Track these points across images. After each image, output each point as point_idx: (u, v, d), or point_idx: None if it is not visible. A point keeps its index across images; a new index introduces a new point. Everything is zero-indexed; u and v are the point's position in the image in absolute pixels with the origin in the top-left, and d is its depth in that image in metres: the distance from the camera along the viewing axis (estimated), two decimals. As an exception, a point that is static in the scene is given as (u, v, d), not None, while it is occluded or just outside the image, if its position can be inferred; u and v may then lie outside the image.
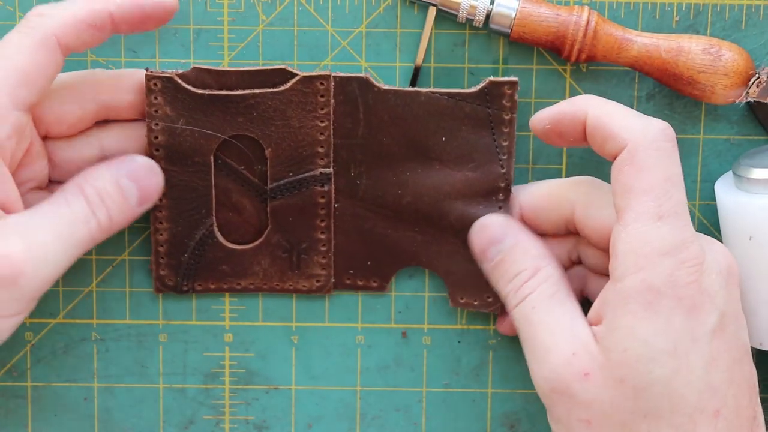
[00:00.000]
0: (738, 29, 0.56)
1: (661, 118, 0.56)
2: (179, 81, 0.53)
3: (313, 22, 0.56)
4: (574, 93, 0.57)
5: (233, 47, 0.56)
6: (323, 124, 0.54)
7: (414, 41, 0.56)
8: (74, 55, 0.56)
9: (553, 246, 0.54)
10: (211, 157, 0.54)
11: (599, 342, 0.48)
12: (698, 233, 0.50)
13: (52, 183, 0.54)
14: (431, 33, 0.56)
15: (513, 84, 0.54)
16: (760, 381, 0.50)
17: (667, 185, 0.47)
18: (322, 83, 0.54)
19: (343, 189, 0.55)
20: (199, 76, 0.54)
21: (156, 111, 0.53)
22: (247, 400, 0.59)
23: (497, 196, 0.55)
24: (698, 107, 0.57)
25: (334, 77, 0.54)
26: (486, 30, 0.56)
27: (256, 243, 0.56)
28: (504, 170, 0.55)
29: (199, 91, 0.53)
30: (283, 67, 0.54)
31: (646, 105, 0.57)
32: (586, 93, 0.57)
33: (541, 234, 0.54)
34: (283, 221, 0.55)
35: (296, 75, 0.54)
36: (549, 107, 0.51)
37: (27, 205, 0.50)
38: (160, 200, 0.55)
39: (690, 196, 0.58)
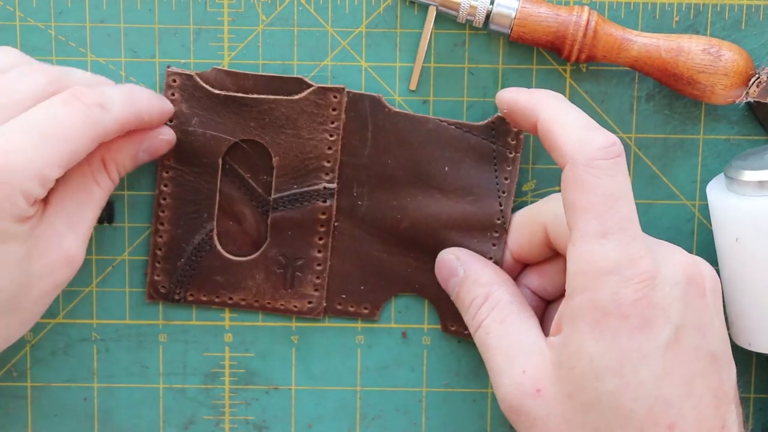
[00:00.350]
0: (738, 29, 0.56)
1: (661, 118, 0.57)
2: (198, 80, 0.54)
3: (313, 22, 0.56)
4: (574, 93, 0.57)
5: (233, 47, 0.56)
6: (332, 138, 0.54)
7: (414, 41, 0.56)
8: (73, 54, 0.56)
9: (551, 272, 0.55)
10: (220, 160, 0.54)
11: (553, 355, 0.48)
12: (660, 242, 0.50)
13: None
14: (431, 33, 0.56)
15: None
16: (756, 382, 0.50)
17: (609, 202, 0.47)
18: (335, 96, 0.54)
19: (344, 208, 0.55)
20: (218, 78, 0.54)
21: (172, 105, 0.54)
22: (247, 400, 0.59)
23: (492, 233, 0.55)
24: (698, 107, 0.57)
25: (348, 93, 0.54)
26: (486, 30, 0.56)
27: (253, 256, 0.56)
28: (502, 207, 0.55)
29: (216, 91, 0.54)
30: (300, 76, 0.54)
31: (646, 105, 0.57)
32: (586, 94, 0.57)
33: (539, 263, 0.55)
34: (281, 235, 0.55)
35: (311, 85, 0.54)
36: (512, 89, 0.51)
37: None
38: (164, 199, 0.55)
39: (689, 196, 0.58)
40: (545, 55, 0.57)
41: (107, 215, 0.58)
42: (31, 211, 0.48)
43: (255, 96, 0.54)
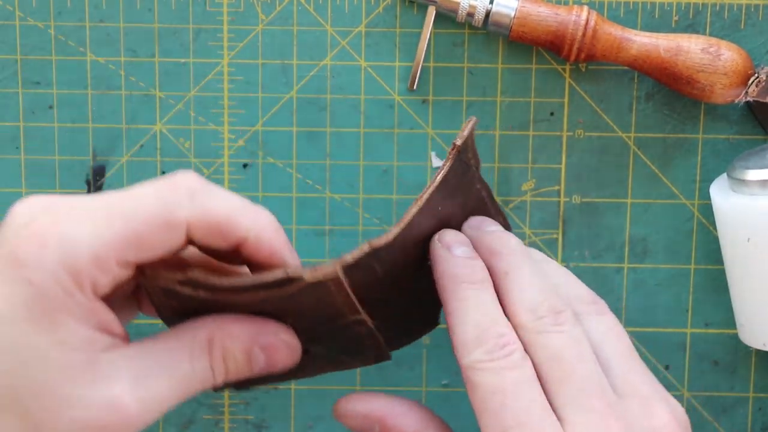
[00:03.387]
0: (737, 29, 0.56)
1: (661, 118, 0.57)
2: (178, 288, 0.44)
3: (313, 22, 0.56)
4: (573, 92, 0.57)
5: (233, 47, 0.56)
6: (344, 300, 0.46)
7: (413, 41, 0.56)
8: (73, 54, 0.56)
9: None
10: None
11: None
12: (652, 388, 0.45)
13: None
14: (431, 33, 0.56)
15: None
16: (756, 382, 0.51)
17: (498, 397, 0.44)
18: (332, 285, 0.45)
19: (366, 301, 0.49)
20: (196, 284, 0.44)
21: (161, 303, 0.46)
22: (246, 400, 0.59)
23: None
24: (697, 107, 0.57)
25: (343, 275, 0.44)
26: (485, 30, 0.56)
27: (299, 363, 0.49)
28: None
29: (203, 295, 0.45)
30: (282, 276, 0.43)
31: (646, 104, 0.57)
32: (585, 93, 0.57)
33: None
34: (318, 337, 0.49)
35: (299, 279, 0.43)
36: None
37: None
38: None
39: (689, 195, 0.58)
40: (544, 54, 0.57)
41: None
42: (84, 304, 0.42)
43: (248, 299, 0.45)
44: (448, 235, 0.48)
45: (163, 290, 0.44)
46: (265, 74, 0.57)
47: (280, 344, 0.46)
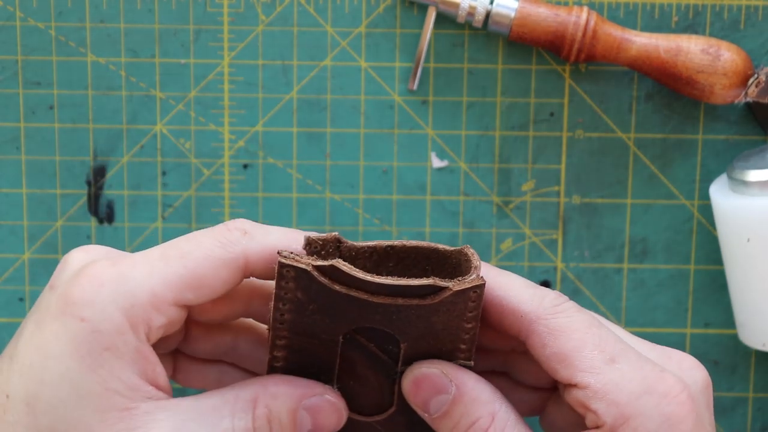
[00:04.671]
0: (737, 29, 0.56)
1: (660, 118, 0.57)
2: (315, 275, 0.44)
3: (313, 22, 0.56)
4: (573, 93, 0.57)
5: (233, 47, 0.57)
6: (469, 326, 0.46)
7: (413, 41, 0.56)
8: (73, 54, 0.57)
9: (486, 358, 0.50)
10: (340, 337, 0.46)
11: None
12: (655, 347, 0.46)
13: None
14: (431, 33, 0.56)
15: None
16: (755, 382, 0.51)
17: (595, 330, 0.44)
18: (474, 291, 0.45)
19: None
20: (337, 275, 0.44)
21: (285, 294, 0.45)
22: (246, 400, 0.59)
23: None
24: (697, 107, 0.57)
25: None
26: (485, 30, 0.56)
27: (377, 418, 0.48)
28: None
29: (337, 288, 0.44)
30: (431, 282, 0.44)
31: (645, 105, 0.57)
32: (585, 93, 0.57)
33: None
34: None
35: (446, 288, 0.44)
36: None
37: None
38: (277, 362, 0.47)
39: (688, 195, 0.58)
40: (544, 55, 0.57)
41: (107, 215, 0.58)
42: (134, 347, 0.42)
43: (380, 301, 0.44)
44: None
45: (296, 274, 0.43)
46: (266, 75, 0.57)
47: (326, 405, 0.45)
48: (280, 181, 0.58)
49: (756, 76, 0.54)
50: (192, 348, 0.49)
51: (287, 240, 0.44)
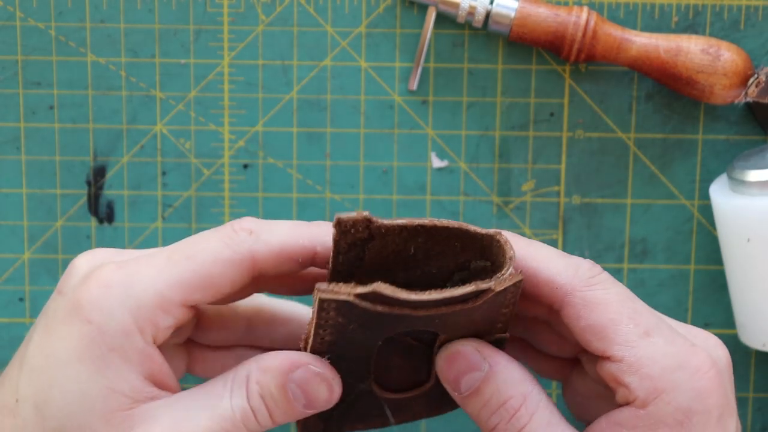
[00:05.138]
0: (737, 29, 0.56)
1: (660, 118, 0.57)
2: (357, 302, 0.43)
3: (313, 22, 0.56)
4: (573, 93, 0.57)
5: (233, 47, 0.57)
6: (507, 310, 0.46)
7: (413, 41, 0.56)
8: (73, 54, 0.57)
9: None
10: (379, 342, 0.46)
11: None
12: (682, 325, 0.46)
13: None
14: (431, 33, 0.56)
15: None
16: (755, 382, 0.51)
17: (631, 304, 0.44)
18: (514, 286, 0.45)
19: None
20: (378, 298, 0.43)
21: (326, 322, 0.44)
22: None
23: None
24: (697, 107, 0.57)
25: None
26: (485, 30, 0.56)
27: (414, 393, 0.49)
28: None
29: (380, 309, 0.43)
30: (473, 289, 0.43)
31: (645, 105, 0.57)
32: (585, 94, 0.57)
33: None
34: None
35: (488, 290, 0.43)
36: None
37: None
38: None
39: (688, 195, 0.58)
40: (544, 55, 0.57)
41: (107, 215, 0.58)
42: (141, 349, 0.42)
43: (425, 313, 0.44)
44: None
45: (338, 305, 0.43)
46: (266, 75, 0.57)
47: (311, 376, 0.45)
48: (280, 181, 0.58)
49: (756, 76, 0.54)
50: (206, 337, 0.49)
51: (293, 238, 0.44)
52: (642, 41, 0.54)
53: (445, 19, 0.56)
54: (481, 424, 0.46)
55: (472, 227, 0.44)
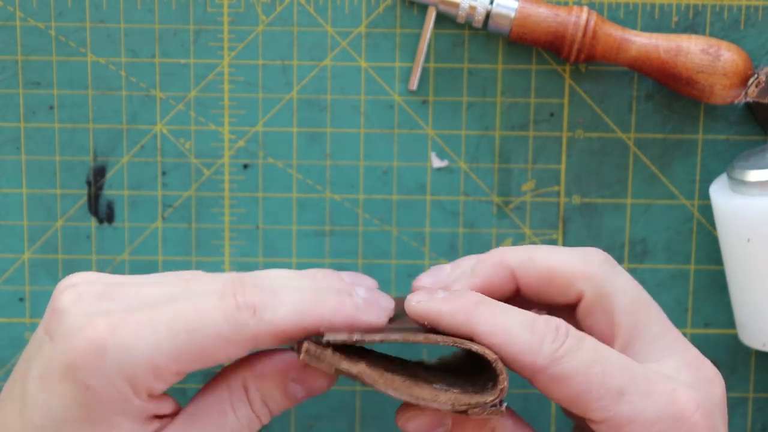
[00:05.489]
0: (737, 29, 0.56)
1: (660, 118, 0.57)
2: (339, 371, 0.44)
3: (313, 22, 0.56)
4: (573, 93, 0.57)
5: (233, 47, 0.57)
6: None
7: (413, 41, 0.56)
8: (73, 54, 0.56)
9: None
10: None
11: None
12: (679, 344, 0.47)
13: None
14: (431, 33, 0.56)
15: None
16: (755, 382, 0.51)
17: (596, 368, 0.44)
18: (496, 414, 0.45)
19: None
20: (359, 378, 0.44)
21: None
22: (246, 400, 0.59)
23: None
24: (697, 107, 0.57)
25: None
26: (485, 30, 0.56)
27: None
28: None
29: (360, 381, 0.44)
30: (449, 407, 0.44)
31: (645, 105, 0.57)
32: (585, 94, 0.57)
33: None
34: None
35: (465, 412, 0.44)
36: (426, 302, 0.45)
37: None
38: None
39: (688, 195, 0.58)
40: (544, 55, 0.57)
41: (107, 215, 0.58)
42: (139, 406, 0.43)
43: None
44: (417, 291, 0.47)
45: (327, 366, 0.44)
46: (266, 75, 0.57)
47: (311, 372, 0.46)
48: (280, 181, 0.58)
49: (756, 76, 0.54)
50: None
51: (298, 318, 0.43)
52: (642, 41, 0.54)
53: (445, 19, 0.56)
54: None
55: (465, 344, 0.44)
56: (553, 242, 0.58)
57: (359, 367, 0.43)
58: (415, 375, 0.44)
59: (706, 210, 0.57)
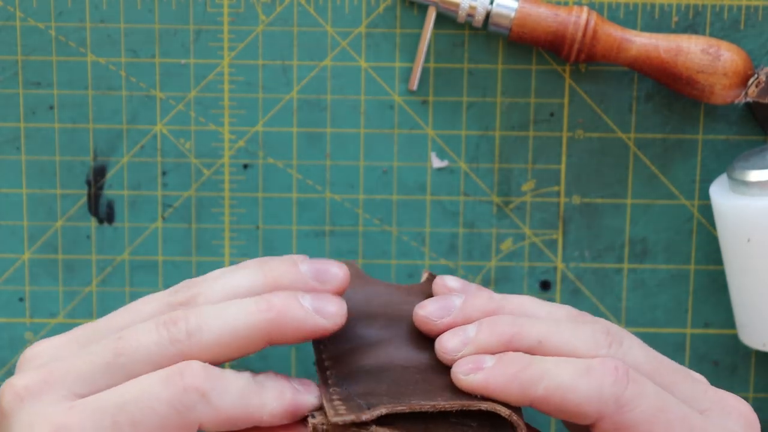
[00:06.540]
0: (737, 29, 0.56)
1: (660, 118, 0.57)
2: None
3: (313, 22, 0.56)
4: (573, 93, 0.57)
5: (233, 47, 0.57)
6: None
7: (413, 41, 0.56)
8: (73, 54, 0.56)
9: None
10: None
11: None
12: (716, 390, 0.46)
13: None
14: (431, 33, 0.56)
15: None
16: (755, 382, 0.51)
17: (661, 416, 0.43)
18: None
19: None
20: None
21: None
22: (246, 400, 0.59)
23: None
24: (697, 107, 0.57)
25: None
26: (485, 30, 0.56)
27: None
28: None
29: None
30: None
31: (645, 105, 0.57)
32: (585, 94, 0.57)
33: None
34: None
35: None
36: (478, 373, 0.44)
37: None
38: None
39: (688, 196, 0.58)
40: (544, 55, 0.57)
41: (107, 215, 0.58)
42: None
43: None
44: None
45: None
46: (266, 75, 0.57)
47: None
48: (280, 181, 0.58)
49: (756, 76, 0.54)
50: None
51: (243, 405, 0.43)
52: (642, 41, 0.54)
53: (445, 19, 0.56)
54: None
55: (480, 404, 0.43)
56: (554, 242, 0.58)
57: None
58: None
59: (706, 210, 0.57)
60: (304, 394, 0.44)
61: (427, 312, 0.46)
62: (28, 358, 0.45)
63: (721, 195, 0.54)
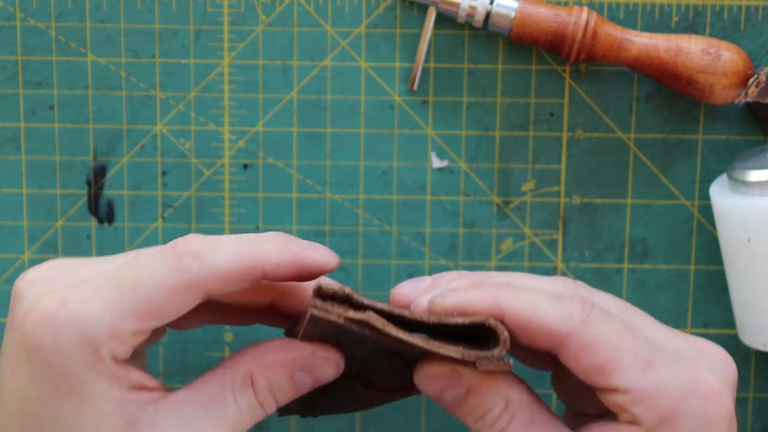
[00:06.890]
0: (737, 29, 0.56)
1: (661, 118, 0.57)
2: (347, 325, 0.44)
3: (313, 23, 0.56)
4: (573, 93, 0.57)
5: (233, 47, 0.57)
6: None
7: (413, 41, 0.56)
8: (73, 54, 0.57)
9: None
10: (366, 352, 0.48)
11: None
12: (687, 338, 0.46)
13: None
14: (431, 33, 0.56)
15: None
16: (755, 382, 0.51)
17: (626, 337, 0.44)
18: (503, 370, 0.46)
19: None
20: (367, 326, 0.44)
21: (316, 327, 0.45)
22: (246, 400, 0.59)
23: None
24: (697, 107, 0.57)
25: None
26: (485, 30, 0.56)
27: (397, 394, 0.51)
28: None
29: (368, 333, 0.44)
30: (458, 357, 0.44)
31: (645, 105, 0.57)
32: (585, 94, 0.57)
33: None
34: None
35: (473, 363, 0.44)
36: (450, 294, 0.45)
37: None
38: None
39: (688, 196, 0.58)
40: (544, 55, 0.57)
41: (107, 215, 0.58)
42: (108, 372, 0.42)
43: (412, 347, 0.44)
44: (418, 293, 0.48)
45: (327, 323, 0.44)
46: (266, 75, 0.57)
47: (319, 361, 0.46)
48: (280, 181, 0.58)
49: (756, 76, 0.54)
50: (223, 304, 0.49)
51: (240, 258, 0.43)
52: (642, 41, 0.54)
53: (445, 19, 0.56)
54: (467, 424, 0.47)
55: (461, 321, 0.44)
56: (554, 242, 0.58)
57: (367, 314, 0.43)
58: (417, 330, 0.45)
59: (706, 210, 0.57)
60: (309, 249, 0.45)
61: (403, 291, 0.47)
62: (37, 267, 0.46)
63: (721, 195, 0.54)
